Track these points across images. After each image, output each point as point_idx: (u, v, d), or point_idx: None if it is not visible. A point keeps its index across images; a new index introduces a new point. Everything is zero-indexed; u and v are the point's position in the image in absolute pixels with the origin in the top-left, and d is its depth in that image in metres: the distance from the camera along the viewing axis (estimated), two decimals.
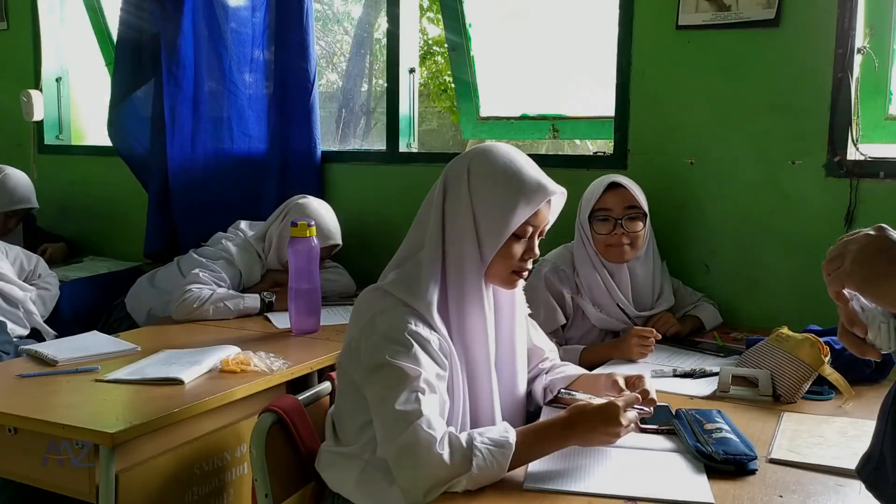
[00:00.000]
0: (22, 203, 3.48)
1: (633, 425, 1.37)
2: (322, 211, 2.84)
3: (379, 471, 1.41)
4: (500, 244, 1.45)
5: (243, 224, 2.92)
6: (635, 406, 1.38)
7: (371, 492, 1.42)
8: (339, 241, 2.88)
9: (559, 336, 2.29)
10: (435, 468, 1.25)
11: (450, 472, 1.25)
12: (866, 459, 0.96)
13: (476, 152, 1.51)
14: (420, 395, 1.32)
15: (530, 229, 1.48)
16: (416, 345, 1.37)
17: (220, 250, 2.77)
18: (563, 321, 2.29)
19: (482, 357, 1.48)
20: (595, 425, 1.33)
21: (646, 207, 2.28)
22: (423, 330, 1.39)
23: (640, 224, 2.26)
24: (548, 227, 1.54)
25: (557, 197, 1.52)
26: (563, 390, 1.62)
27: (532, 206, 1.45)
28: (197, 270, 2.63)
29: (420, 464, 1.26)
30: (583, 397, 1.50)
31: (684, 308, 2.47)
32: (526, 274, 1.53)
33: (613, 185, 2.28)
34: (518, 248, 1.48)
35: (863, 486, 1.24)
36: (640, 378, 1.52)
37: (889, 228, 0.95)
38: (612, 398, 1.38)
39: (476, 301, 1.47)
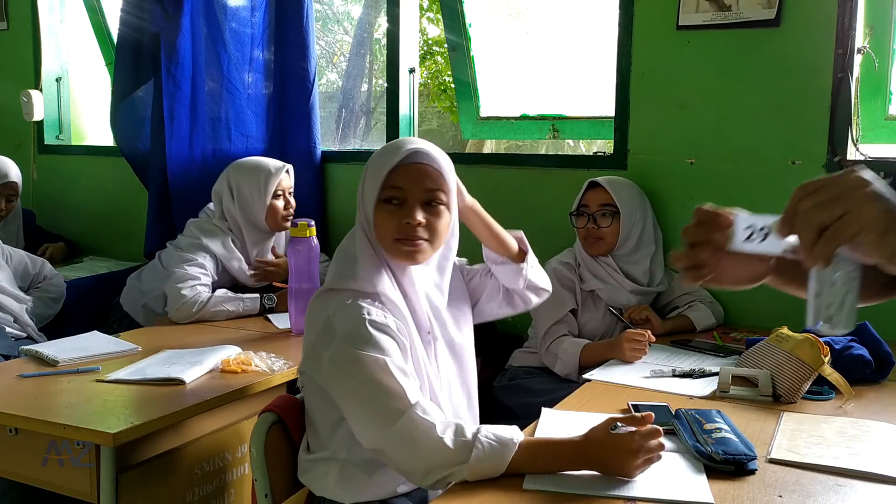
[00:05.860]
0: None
1: (655, 456, 1.27)
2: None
3: (357, 466, 1.45)
4: (369, 213, 1.47)
5: (210, 205, 2.91)
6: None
7: (352, 487, 1.46)
8: None
9: (571, 323, 2.40)
10: (434, 450, 1.28)
11: (448, 456, 1.27)
12: None
13: None
14: (398, 381, 1.33)
15: (391, 192, 1.46)
16: (377, 333, 1.38)
17: (191, 237, 2.77)
18: (573, 306, 2.42)
19: (413, 330, 1.49)
20: (607, 454, 1.27)
21: (622, 207, 2.42)
22: (378, 316, 1.41)
23: (609, 220, 2.43)
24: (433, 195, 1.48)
25: (419, 156, 1.47)
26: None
27: (378, 173, 1.46)
28: (183, 267, 2.61)
29: (419, 446, 1.29)
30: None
31: (675, 299, 2.55)
32: (413, 240, 1.46)
33: (593, 185, 2.48)
34: (387, 216, 1.46)
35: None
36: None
37: (858, 172, 0.80)
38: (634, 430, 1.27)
39: (378, 270, 1.48)
